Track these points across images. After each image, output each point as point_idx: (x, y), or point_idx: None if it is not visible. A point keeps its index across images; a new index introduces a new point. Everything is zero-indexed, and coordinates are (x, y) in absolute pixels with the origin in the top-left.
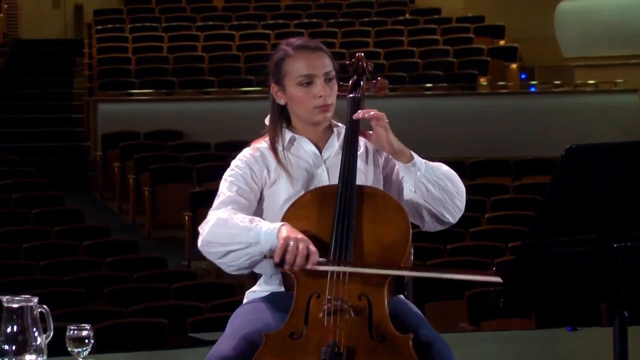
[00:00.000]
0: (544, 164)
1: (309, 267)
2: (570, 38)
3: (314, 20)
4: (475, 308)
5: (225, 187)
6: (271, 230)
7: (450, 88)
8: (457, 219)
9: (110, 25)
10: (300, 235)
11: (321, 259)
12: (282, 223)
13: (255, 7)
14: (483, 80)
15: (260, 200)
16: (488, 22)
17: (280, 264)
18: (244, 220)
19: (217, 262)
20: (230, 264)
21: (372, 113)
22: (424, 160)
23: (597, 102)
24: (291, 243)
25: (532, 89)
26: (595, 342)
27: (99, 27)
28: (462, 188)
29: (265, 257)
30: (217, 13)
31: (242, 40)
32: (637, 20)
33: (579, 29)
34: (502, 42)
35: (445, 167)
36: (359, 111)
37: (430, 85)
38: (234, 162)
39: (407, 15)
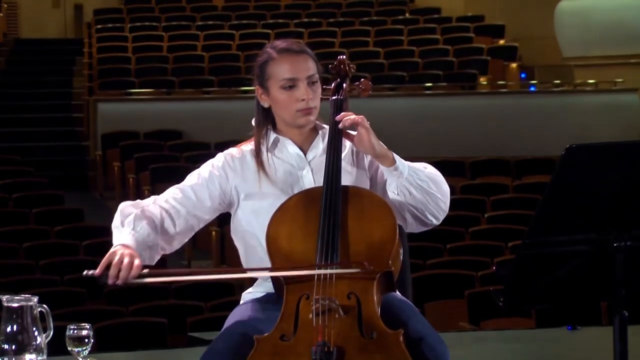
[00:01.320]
0: (543, 163)
1: (130, 279)
2: (570, 37)
3: (314, 19)
4: (475, 307)
5: (192, 176)
6: (117, 241)
7: (450, 87)
8: (440, 221)
9: (110, 25)
10: (127, 251)
11: (144, 271)
12: (121, 243)
13: (255, 7)
14: (483, 80)
15: (243, 205)
16: (488, 22)
17: (103, 280)
18: (125, 220)
19: None
20: None
21: (352, 118)
22: (407, 163)
23: (596, 101)
24: (116, 257)
25: (532, 89)
26: (595, 342)
27: (99, 26)
28: (446, 189)
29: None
30: (217, 12)
31: (242, 39)
32: (637, 20)
33: (579, 29)
34: (502, 42)
35: (429, 169)
36: (341, 117)
37: (430, 84)
38: (215, 159)
39: (407, 15)
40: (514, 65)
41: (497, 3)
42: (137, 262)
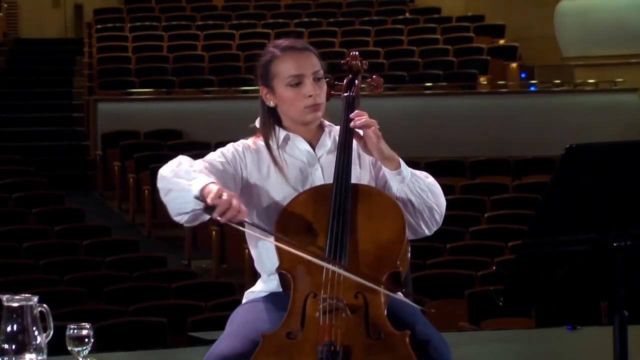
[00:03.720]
0: (543, 163)
1: (233, 221)
2: (570, 37)
3: (314, 19)
4: (475, 307)
5: (215, 154)
6: (205, 180)
7: (450, 87)
8: (432, 232)
9: (110, 25)
10: (233, 193)
11: (248, 221)
12: (214, 181)
13: (255, 6)
14: (483, 80)
15: (253, 197)
16: (488, 22)
17: (209, 210)
18: (194, 168)
19: (163, 200)
20: (170, 205)
21: (364, 120)
22: (410, 170)
23: (596, 101)
24: (225, 194)
25: (532, 88)
26: (595, 341)
27: (99, 26)
28: (442, 202)
29: (200, 208)
30: (217, 12)
31: (242, 39)
32: (637, 20)
33: (579, 29)
34: (502, 42)
35: (430, 179)
36: (355, 115)
37: (430, 84)
38: (234, 144)
39: (407, 15)
40: (514, 65)
41: (497, 3)
42: (243, 207)
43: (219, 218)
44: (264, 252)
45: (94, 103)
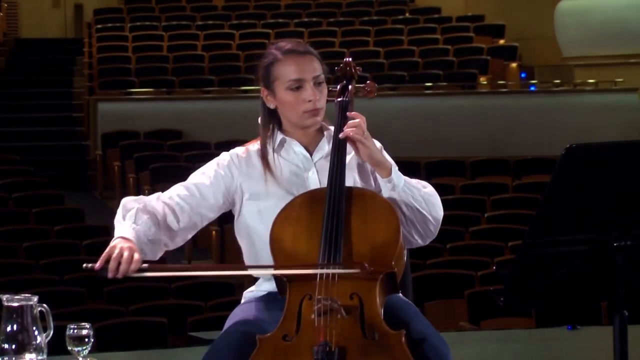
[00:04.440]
0: (543, 163)
1: (130, 273)
2: (570, 37)
3: (314, 19)
4: (475, 307)
5: (196, 174)
6: (119, 232)
7: (450, 87)
8: (427, 242)
9: (110, 25)
10: (127, 244)
11: (144, 266)
12: (121, 235)
13: (255, 6)
14: (483, 80)
15: (248, 203)
16: (488, 21)
17: (102, 273)
18: (127, 214)
19: None
20: None
21: (350, 134)
22: (404, 178)
23: (596, 101)
24: (116, 251)
25: (532, 88)
26: (595, 341)
27: (99, 26)
28: (438, 213)
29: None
30: (217, 12)
31: (242, 39)
32: (637, 20)
33: (579, 28)
34: (502, 42)
35: (427, 189)
36: (347, 125)
37: (430, 84)
38: (220, 157)
39: (407, 15)
40: (514, 65)
41: (497, 3)
42: (136, 256)
43: (117, 276)
44: (261, 255)
45: (94, 103)
